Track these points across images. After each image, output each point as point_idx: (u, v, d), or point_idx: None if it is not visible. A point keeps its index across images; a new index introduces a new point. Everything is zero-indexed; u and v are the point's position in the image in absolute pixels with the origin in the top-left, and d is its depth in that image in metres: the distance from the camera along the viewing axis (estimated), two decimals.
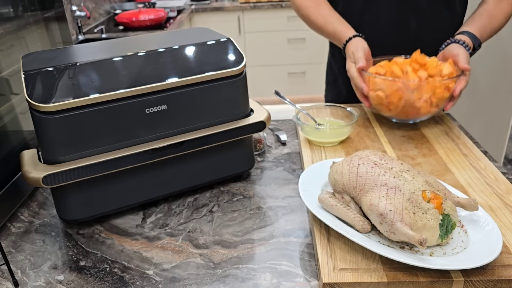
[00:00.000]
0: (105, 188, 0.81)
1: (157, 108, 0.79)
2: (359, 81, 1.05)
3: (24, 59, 0.81)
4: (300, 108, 1.08)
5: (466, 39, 1.06)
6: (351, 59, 1.08)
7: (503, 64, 2.02)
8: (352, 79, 1.07)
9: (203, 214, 0.85)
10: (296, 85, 3.71)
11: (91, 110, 0.74)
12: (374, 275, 0.64)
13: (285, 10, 3.43)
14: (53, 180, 0.74)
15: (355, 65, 1.06)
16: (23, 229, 0.83)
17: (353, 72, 1.06)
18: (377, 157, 0.74)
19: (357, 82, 1.05)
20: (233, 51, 0.87)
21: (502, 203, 0.80)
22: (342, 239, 0.71)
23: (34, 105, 0.71)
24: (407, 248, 0.68)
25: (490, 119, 2.14)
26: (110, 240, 0.79)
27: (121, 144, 0.78)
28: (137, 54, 0.81)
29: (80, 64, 0.77)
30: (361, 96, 1.08)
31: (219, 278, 0.69)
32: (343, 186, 0.73)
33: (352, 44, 1.09)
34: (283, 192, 0.90)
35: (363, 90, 1.05)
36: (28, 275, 0.72)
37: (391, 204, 0.66)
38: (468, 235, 0.69)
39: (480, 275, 0.63)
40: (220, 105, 0.85)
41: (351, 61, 1.08)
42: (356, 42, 1.09)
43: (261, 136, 1.05)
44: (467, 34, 1.07)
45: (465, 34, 1.08)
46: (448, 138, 1.03)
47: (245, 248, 0.75)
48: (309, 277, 0.68)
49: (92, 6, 2.97)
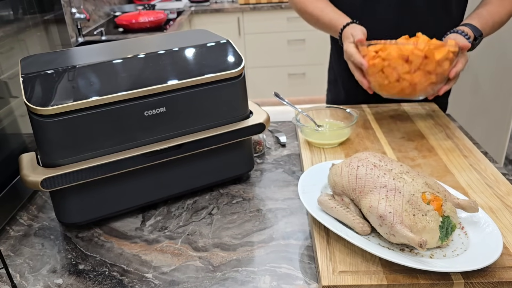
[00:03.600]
0: (104, 191, 0.81)
1: (155, 111, 0.79)
2: (358, 56, 1.02)
3: (23, 62, 0.81)
4: (299, 110, 1.07)
5: (466, 29, 1.06)
6: (349, 39, 1.06)
7: (504, 64, 2.02)
8: (350, 56, 1.04)
9: (202, 217, 0.84)
10: (296, 86, 3.71)
11: (90, 113, 0.74)
12: (374, 278, 0.63)
13: (284, 11, 3.43)
14: (52, 184, 0.73)
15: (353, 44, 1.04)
16: (22, 232, 0.83)
17: (351, 48, 1.04)
18: (377, 158, 0.74)
19: (356, 57, 1.02)
20: (232, 53, 0.86)
21: (502, 205, 0.79)
22: (341, 242, 0.71)
23: (32, 108, 0.71)
24: (407, 250, 0.67)
25: (490, 119, 2.14)
26: (109, 243, 0.79)
27: (120, 147, 0.78)
28: (135, 57, 0.81)
29: (78, 67, 0.76)
30: (360, 75, 1.05)
31: (219, 281, 0.69)
32: (342, 188, 0.73)
33: (348, 28, 1.08)
34: (282, 194, 0.90)
35: (362, 64, 1.01)
36: (27, 279, 0.71)
37: (390, 206, 0.65)
38: (469, 237, 0.69)
39: (481, 277, 0.63)
40: (219, 107, 0.85)
41: (349, 41, 1.06)
42: (353, 27, 1.08)
43: (261, 138, 1.05)
44: (467, 26, 1.07)
45: (465, 25, 1.07)
46: (448, 139, 1.03)
47: (244, 250, 0.75)
48: (309, 280, 0.68)
49: (91, 8, 2.97)
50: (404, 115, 1.17)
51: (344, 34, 1.09)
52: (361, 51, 1.03)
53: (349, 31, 1.07)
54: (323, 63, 3.25)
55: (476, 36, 1.06)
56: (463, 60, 1.00)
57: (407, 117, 1.16)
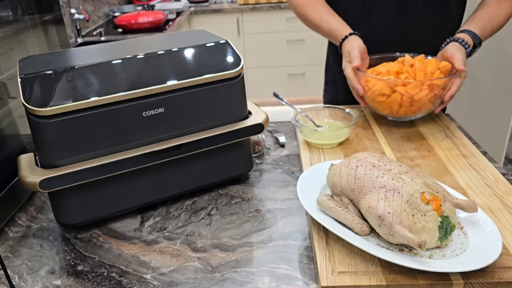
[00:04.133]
0: (103, 192, 0.80)
1: (154, 111, 0.79)
2: (355, 82, 1.05)
3: (21, 63, 0.81)
4: (298, 110, 1.07)
5: (466, 37, 1.06)
6: (347, 58, 1.08)
7: (503, 63, 2.02)
8: (348, 79, 1.07)
9: (201, 217, 0.84)
10: (295, 86, 3.71)
11: (88, 114, 0.74)
12: (373, 278, 0.63)
13: (284, 12, 3.43)
14: (50, 185, 0.73)
15: (350, 65, 1.06)
16: (21, 233, 0.83)
17: (349, 72, 1.06)
18: (376, 159, 0.74)
19: (352, 82, 1.06)
20: (230, 53, 0.86)
21: (501, 204, 0.79)
22: (341, 242, 0.70)
23: (30, 109, 0.71)
24: (406, 251, 0.67)
25: (490, 119, 2.14)
26: (108, 244, 0.78)
27: (118, 147, 0.78)
28: (134, 57, 0.81)
29: (76, 67, 0.76)
30: (357, 96, 1.08)
31: (217, 282, 0.69)
32: (341, 189, 0.73)
33: (348, 43, 1.09)
34: (282, 195, 0.90)
35: (359, 91, 1.05)
36: (26, 280, 0.71)
37: (389, 207, 0.65)
38: (468, 237, 0.69)
39: (480, 278, 0.63)
40: (217, 108, 0.85)
41: (347, 60, 1.08)
42: (351, 41, 1.08)
43: (260, 138, 1.05)
44: (467, 33, 1.07)
45: (465, 32, 1.07)
46: (447, 139, 1.03)
47: (243, 251, 0.75)
48: (308, 281, 0.68)
49: (91, 9, 2.97)
50: None
51: (343, 49, 1.10)
52: (358, 75, 1.06)
53: (347, 48, 1.08)
54: (322, 63, 3.27)
55: (475, 43, 1.07)
56: (457, 82, 1.02)
57: None
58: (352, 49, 1.06)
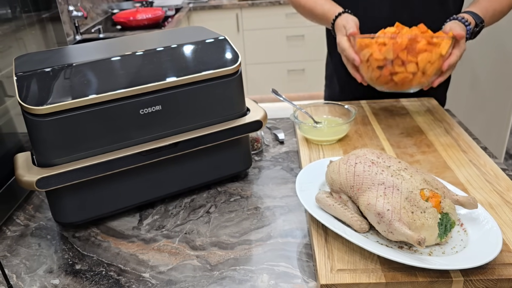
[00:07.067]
0: (100, 190, 0.80)
1: (151, 109, 0.78)
2: (351, 51, 1.01)
3: (17, 61, 0.80)
4: (297, 106, 1.07)
5: (466, 15, 1.04)
6: (342, 32, 1.05)
7: (503, 58, 2.01)
8: (343, 50, 1.03)
9: (200, 215, 0.84)
10: (295, 82, 3.70)
11: (84, 112, 0.73)
12: (372, 276, 0.63)
13: (283, 7, 3.42)
14: (47, 184, 0.73)
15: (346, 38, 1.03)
16: (19, 232, 0.83)
17: (344, 43, 1.02)
18: (375, 155, 0.73)
19: (348, 53, 1.01)
20: (228, 50, 0.86)
21: (502, 200, 0.79)
22: (340, 240, 0.70)
23: (26, 108, 0.70)
24: (406, 248, 0.67)
25: (490, 114, 2.13)
26: (106, 243, 0.78)
27: (115, 145, 0.78)
28: (130, 55, 0.80)
29: (73, 65, 0.76)
30: (352, 69, 1.04)
31: (216, 280, 0.68)
32: (340, 186, 0.72)
33: (341, 18, 1.07)
34: (281, 192, 0.90)
35: (355, 60, 1.00)
36: (23, 280, 0.71)
37: (388, 204, 0.65)
38: (468, 234, 0.68)
39: (480, 275, 0.62)
40: (215, 105, 0.84)
41: (342, 34, 1.04)
42: (346, 17, 1.07)
43: (259, 135, 1.04)
44: (468, 13, 1.05)
45: (466, 12, 1.06)
46: (447, 135, 1.02)
47: (242, 249, 0.75)
48: (307, 278, 0.68)
49: (89, 6, 2.96)
50: (402, 110, 1.16)
51: (337, 25, 1.08)
52: (353, 45, 1.02)
53: (341, 23, 1.06)
54: (322, 59, 3.26)
55: (477, 22, 1.04)
56: (457, 51, 0.97)
57: (406, 112, 1.15)
58: (347, 22, 1.04)
